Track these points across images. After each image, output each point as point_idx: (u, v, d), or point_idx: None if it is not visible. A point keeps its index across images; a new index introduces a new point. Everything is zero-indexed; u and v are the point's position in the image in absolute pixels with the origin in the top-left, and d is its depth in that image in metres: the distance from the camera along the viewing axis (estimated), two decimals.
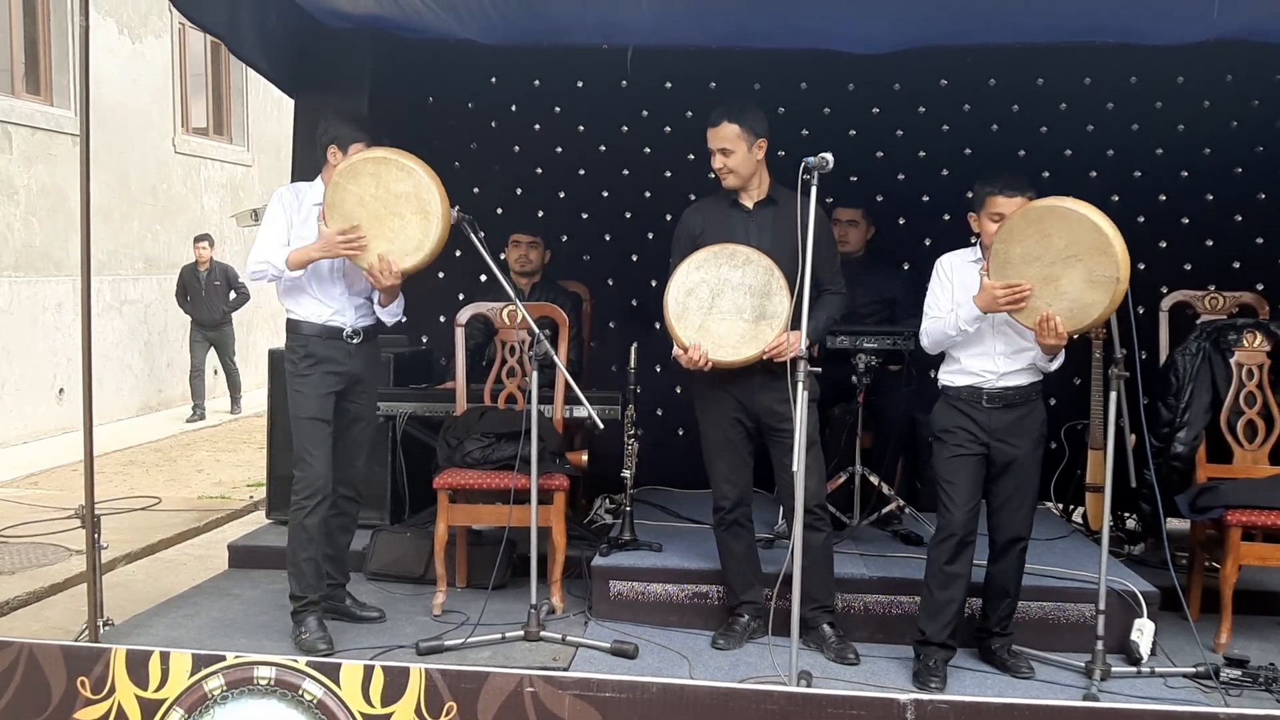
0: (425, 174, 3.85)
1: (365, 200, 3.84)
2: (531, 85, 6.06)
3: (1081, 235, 3.55)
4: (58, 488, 7.53)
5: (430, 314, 6.00)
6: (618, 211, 6.09)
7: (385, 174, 3.84)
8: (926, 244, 5.61)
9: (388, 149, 3.91)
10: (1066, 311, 3.60)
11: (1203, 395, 4.56)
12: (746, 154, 3.97)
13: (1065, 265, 3.58)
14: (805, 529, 3.82)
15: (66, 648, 3.05)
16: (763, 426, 4.04)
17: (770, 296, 3.88)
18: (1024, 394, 3.85)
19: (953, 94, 5.89)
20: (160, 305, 11.01)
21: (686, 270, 3.96)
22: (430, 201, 3.84)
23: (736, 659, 4.00)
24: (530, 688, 2.82)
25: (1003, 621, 3.95)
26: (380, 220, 3.85)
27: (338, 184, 3.86)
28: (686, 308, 3.95)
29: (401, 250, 3.87)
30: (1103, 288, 3.55)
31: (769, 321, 3.87)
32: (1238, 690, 3.80)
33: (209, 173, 11.95)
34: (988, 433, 3.83)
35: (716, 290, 3.92)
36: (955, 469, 3.84)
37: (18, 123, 9.00)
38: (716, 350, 3.91)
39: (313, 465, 4.00)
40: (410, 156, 3.88)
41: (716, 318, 3.92)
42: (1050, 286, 3.61)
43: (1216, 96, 5.72)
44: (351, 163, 3.88)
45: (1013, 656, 3.93)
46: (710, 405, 4.09)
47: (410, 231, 3.85)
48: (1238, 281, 5.51)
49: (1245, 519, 4.12)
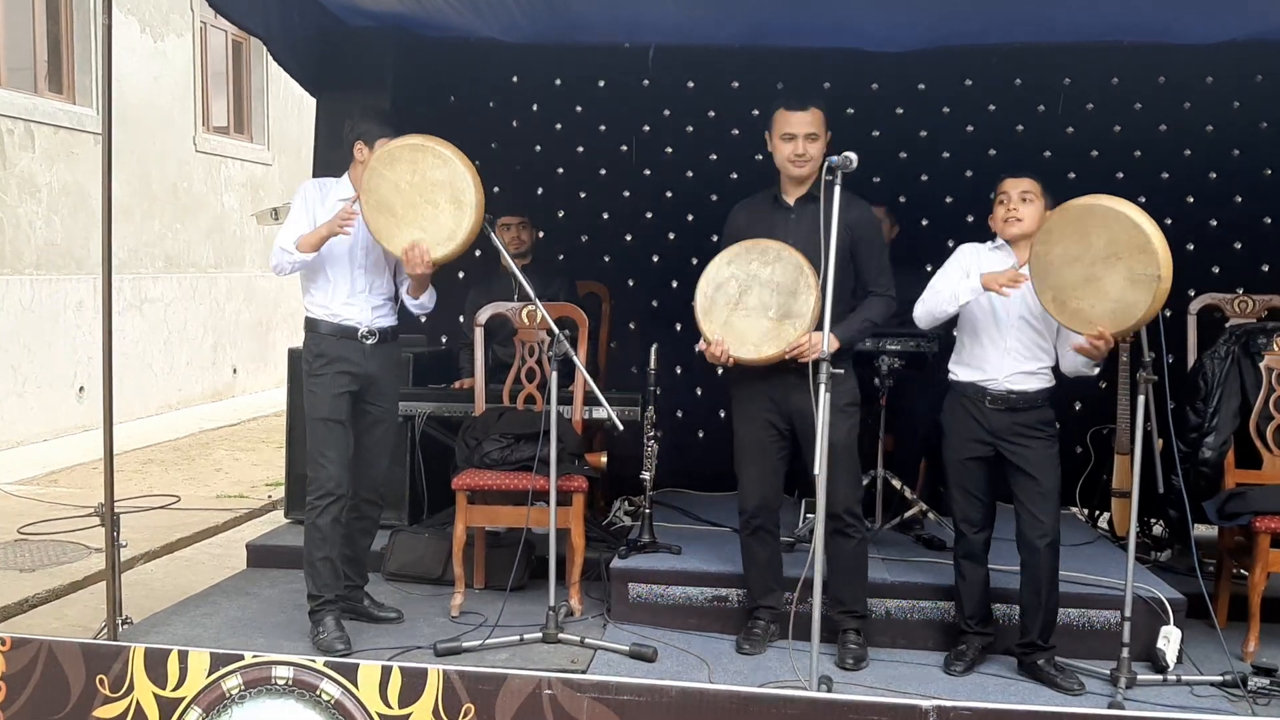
0: (462, 163, 3.84)
1: (401, 187, 3.83)
2: (553, 84, 6.04)
3: (1120, 233, 3.49)
4: (77, 486, 7.55)
5: (449, 313, 5.98)
6: (639, 211, 6.07)
7: (422, 161, 3.82)
8: (950, 245, 5.50)
9: (426, 136, 3.89)
10: (1110, 313, 3.53)
11: (1231, 400, 4.50)
12: (824, 145, 3.92)
13: (1106, 265, 3.51)
14: (836, 534, 3.79)
15: (86, 645, 3.05)
16: (796, 429, 3.99)
17: (796, 296, 3.83)
18: (1029, 400, 3.81)
19: (977, 94, 5.84)
20: (180, 304, 11.05)
21: (718, 265, 3.92)
22: (465, 191, 3.82)
23: (756, 663, 3.97)
24: (548, 690, 2.80)
25: (1045, 631, 3.84)
26: (415, 207, 3.83)
27: (375, 169, 3.85)
28: (714, 302, 3.90)
29: (434, 239, 3.84)
30: (1144, 286, 3.48)
31: (793, 321, 3.82)
32: (1265, 699, 3.74)
33: (229, 171, 11.99)
34: (992, 434, 3.81)
35: (745, 286, 3.87)
36: (962, 473, 3.88)
37: (40, 121, 9.03)
38: (738, 347, 3.87)
39: (325, 466, 3.98)
40: (448, 145, 3.86)
41: (741, 314, 3.88)
42: (1092, 288, 3.55)
43: (1246, 97, 5.65)
44: (390, 148, 3.86)
45: (1060, 672, 3.82)
46: (744, 405, 4.05)
47: (443, 220, 3.84)
48: (1267, 285, 5.45)
49: (1274, 525, 4.06)
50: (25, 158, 8.90)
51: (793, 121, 3.90)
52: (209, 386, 11.51)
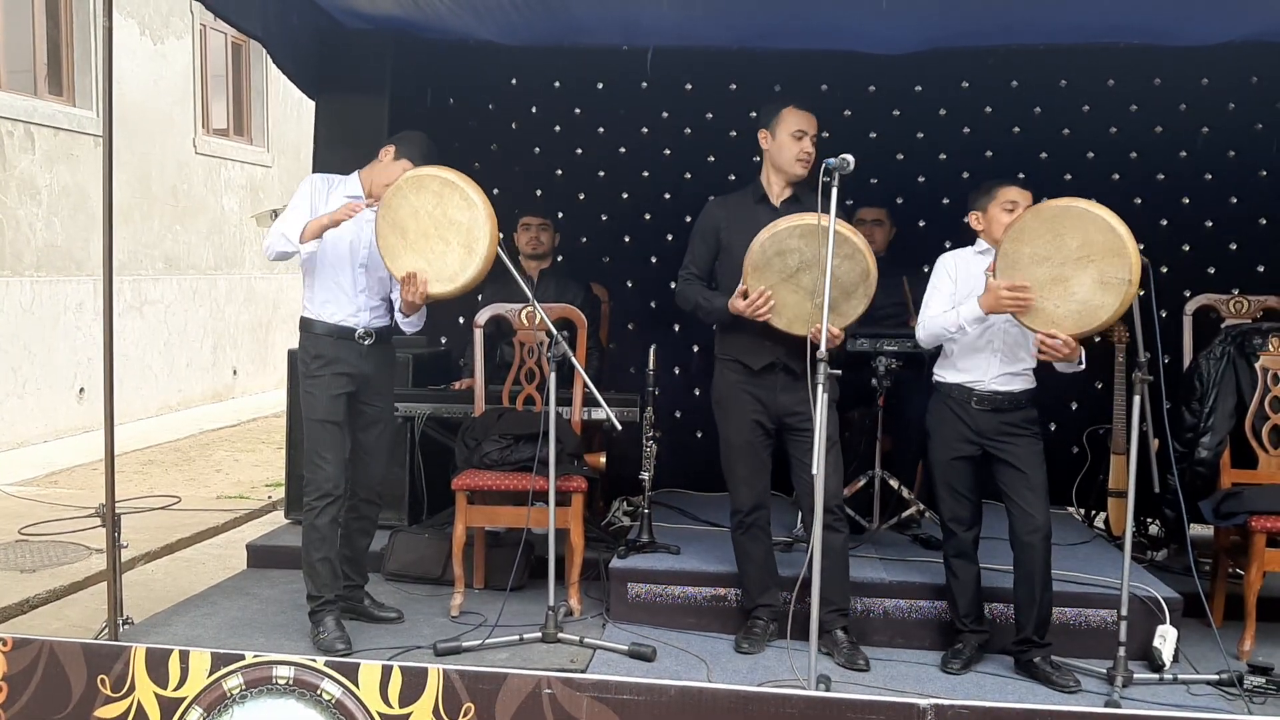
0: (485, 211, 3.82)
1: (420, 214, 3.84)
2: (552, 86, 6.06)
3: (1096, 236, 3.53)
4: (78, 486, 7.56)
5: (449, 315, 6.00)
6: (637, 213, 6.09)
7: (449, 197, 3.83)
8: (946, 246, 5.52)
9: (461, 174, 3.89)
10: (1074, 314, 3.58)
11: (1227, 400, 4.52)
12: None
13: (1077, 266, 3.56)
14: (826, 530, 3.80)
15: (87, 646, 3.06)
16: (782, 426, 4.02)
17: (850, 297, 3.81)
18: (1015, 400, 3.86)
19: (974, 96, 5.86)
20: (180, 306, 11.07)
21: (788, 232, 3.80)
22: (479, 241, 3.83)
23: (755, 662, 3.98)
24: (548, 689, 2.82)
25: (1040, 628, 3.86)
26: (426, 238, 3.85)
27: (401, 189, 3.86)
28: (770, 265, 3.83)
29: (436, 274, 3.86)
30: (1114, 290, 3.53)
31: (835, 317, 3.75)
32: (1262, 698, 3.75)
33: (229, 173, 12.00)
34: (978, 433, 3.84)
35: (806, 264, 3.80)
36: (950, 473, 3.90)
37: (40, 123, 9.05)
38: (773, 314, 3.85)
39: (323, 467, 4.00)
40: (478, 190, 3.85)
41: (791, 289, 3.83)
42: (1059, 288, 3.59)
43: (1241, 99, 5.67)
44: (421, 174, 3.87)
45: (1055, 669, 3.83)
46: (733, 408, 4.06)
47: (450, 260, 3.85)
48: (1262, 286, 5.46)
49: (1270, 525, 4.08)
50: (25, 159, 8.92)
51: (804, 120, 3.95)
52: (209, 387, 11.53)
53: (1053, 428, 5.60)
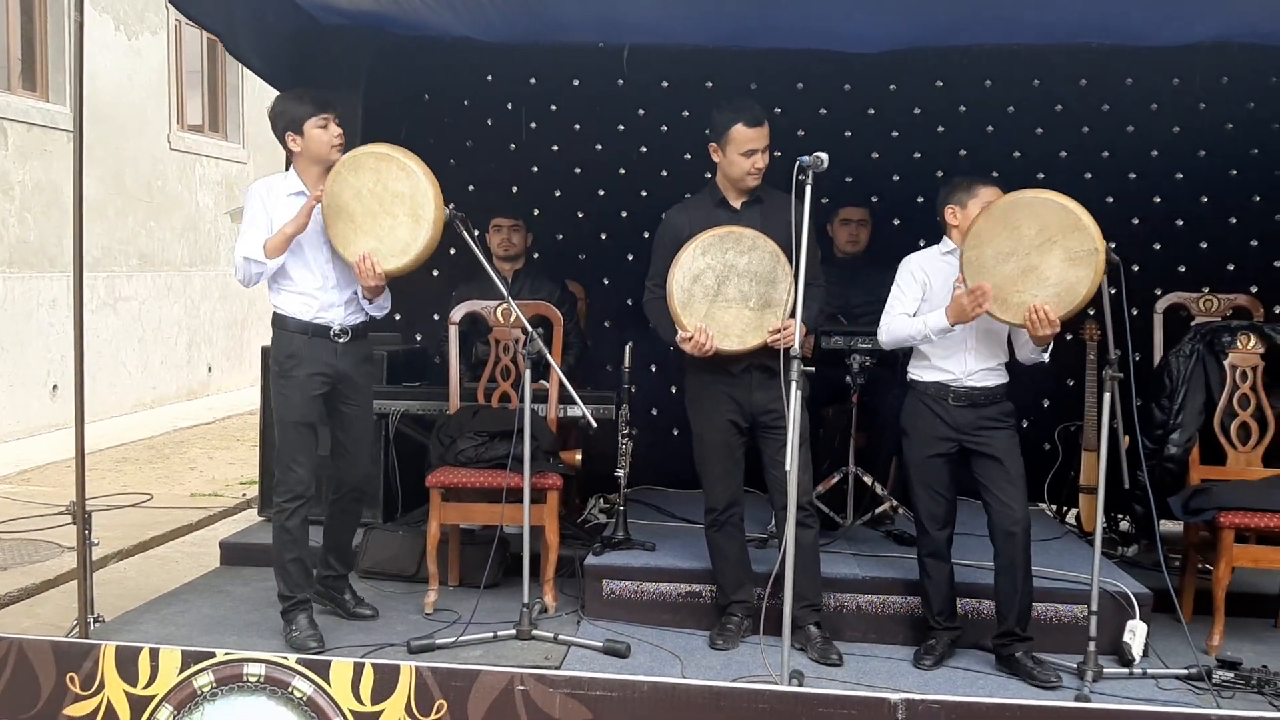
0: (425, 177, 3.83)
1: (362, 194, 3.83)
2: (528, 83, 6.05)
3: (1050, 218, 3.59)
4: (50, 484, 7.50)
5: (424, 312, 5.99)
6: (614, 211, 6.08)
7: (386, 171, 3.82)
8: (921, 245, 5.56)
9: (393, 146, 3.88)
10: (1054, 297, 3.62)
11: (1196, 397, 4.56)
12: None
13: (1041, 252, 3.60)
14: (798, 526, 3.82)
15: (56, 644, 3.04)
16: (756, 424, 4.03)
17: (775, 284, 3.84)
18: (990, 395, 3.89)
19: (949, 95, 5.89)
20: (154, 302, 11.00)
21: (692, 255, 3.87)
22: (424, 206, 3.81)
23: (729, 658, 4.00)
24: (521, 686, 2.81)
25: (1022, 619, 3.88)
26: (373, 216, 3.83)
27: (339, 174, 3.85)
28: (692, 295, 3.87)
29: (388, 250, 3.84)
30: (1084, 263, 3.57)
31: (773, 310, 3.83)
32: (1230, 692, 3.79)
33: (204, 170, 11.93)
34: (955, 429, 3.86)
35: (723, 277, 3.85)
36: (927, 471, 3.92)
37: (13, 119, 8.97)
38: (722, 339, 3.87)
39: (294, 470, 3.97)
40: (413, 158, 3.85)
41: (722, 305, 3.86)
42: (1032, 277, 3.62)
43: (1212, 99, 5.72)
44: (355, 154, 3.86)
45: (1038, 665, 3.84)
46: (706, 407, 4.07)
47: (399, 233, 3.83)
48: (1232, 284, 5.52)
49: (1238, 521, 4.13)
50: None
51: (753, 138, 3.95)
52: (183, 385, 11.47)
53: (1025, 424, 5.62)
